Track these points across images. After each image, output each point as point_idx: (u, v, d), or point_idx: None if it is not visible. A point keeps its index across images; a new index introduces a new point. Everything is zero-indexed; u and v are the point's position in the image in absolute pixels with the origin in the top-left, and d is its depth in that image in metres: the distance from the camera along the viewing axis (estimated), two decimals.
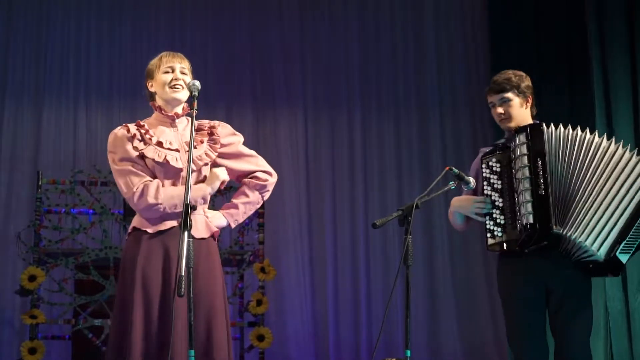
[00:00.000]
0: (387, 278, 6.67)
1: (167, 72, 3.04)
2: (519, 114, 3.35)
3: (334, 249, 6.78)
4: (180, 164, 2.95)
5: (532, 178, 3.14)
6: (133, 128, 3.00)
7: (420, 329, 6.61)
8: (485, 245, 3.30)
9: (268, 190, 3.18)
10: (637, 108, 5.91)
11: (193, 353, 2.56)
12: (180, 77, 3.03)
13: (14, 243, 5.75)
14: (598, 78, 6.07)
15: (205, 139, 3.08)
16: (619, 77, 5.98)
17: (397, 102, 7.10)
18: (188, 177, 2.70)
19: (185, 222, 2.59)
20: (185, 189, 2.67)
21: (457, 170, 3.08)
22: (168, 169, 2.96)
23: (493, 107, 3.38)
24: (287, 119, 7.00)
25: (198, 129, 3.09)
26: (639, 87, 5.94)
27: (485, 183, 3.29)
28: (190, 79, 3.03)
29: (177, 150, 2.99)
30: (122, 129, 3.01)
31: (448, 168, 3.08)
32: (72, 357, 5.71)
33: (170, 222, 2.93)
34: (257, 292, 5.65)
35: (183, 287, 2.48)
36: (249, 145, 3.23)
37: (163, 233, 2.93)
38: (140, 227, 2.94)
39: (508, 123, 3.34)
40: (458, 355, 6.61)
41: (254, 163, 3.17)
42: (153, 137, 2.99)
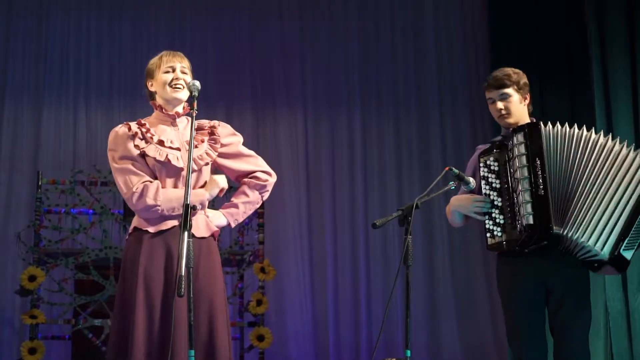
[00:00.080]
0: (387, 278, 6.67)
1: (167, 71, 3.02)
2: (518, 110, 3.35)
3: (334, 249, 6.78)
4: (182, 163, 2.94)
5: (530, 178, 3.13)
6: (134, 126, 2.98)
7: (420, 329, 6.61)
8: (485, 245, 3.29)
9: (267, 191, 3.18)
10: (637, 108, 5.91)
11: (193, 353, 2.55)
12: (181, 76, 3.02)
13: (14, 243, 5.75)
14: (598, 78, 6.06)
15: (206, 139, 3.07)
16: (619, 77, 5.98)
17: (397, 102, 7.10)
18: (188, 176, 2.69)
19: (185, 222, 2.58)
20: (185, 188, 2.66)
21: (457, 170, 3.07)
22: (169, 168, 2.95)
23: (492, 103, 3.36)
24: (287, 119, 7.00)
25: (198, 129, 3.08)
26: (639, 87, 5.93)
27: (484, 182, 3.27)
28: (191, 78, 3.03)
29: (178, 150, 2.98)
30: (123, 127, 2.99)
31: (448, 168, 3.07)
32: (72, 357, 5.71)
33: (172, 221, 2.92)
34: (257, 292, 5.65)
35: (183, 287, 2.48)
36: (249, 145, 3.23)
37: (164, 232, 2.91)
38: (142, 227, 2.93)
39: (507, 119, 3.33)
40: (458, 355, 6.61)
41: (254, 163, 3.17)
42: (154, 135, 2.98)
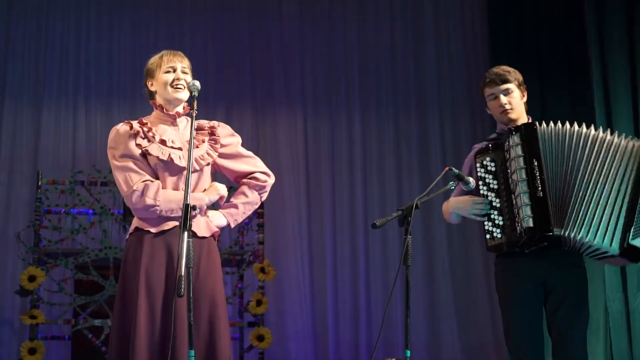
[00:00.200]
0: (386, 278, 6.67)
1: (168, 71, 3.02)
2: (519, 106, 3.35)
3: (334, 249, 6.77)
4: (184, 163, 2.93)
5: (529, 180, 3.11)
6: (136, 125, 2.98)
7: (420, 329, 6.60)
8: (485, 246, 3.28)
9: (266, 191, 3.18)
10: (637, 108, 5.91)
11: (193, 353, 2.55)
12: (182, 76, 3.01)
13: (14, 243, 5.75)
14: (598, 78, 6.06)
15: (206, 139, 3.07)
16: (619, 77, 5.98)
17: (396, 102, 7.09)
18: (188, 176, 2.68)
19: (185, 222, 2.58)
20: (185, 188, 2.65)
21: (456, 171, 3.06)
22: (172, 168, 2.94)
23: (494, 99, 3.33)
24: (286, 119, 6.99)
25: (198, 129, 3.08)
26: (639, 87, 5.93)
27: (481, 183, 3.25)
28: (191, 78, 3.02)
29: (180, 149, 2.97)
30: (124, 125, 2.98)
31: (448, 168, 3.05)
32: (71, 357, 5.70)
33: (173, 221, 2.91)
34: (256, 292, 5.65)
35: (183, 287, 2.48)
36: (249, 146, 3.23)
37: (166, 232, 2.91)
38: (143, 227, 2.92)
39: (510, 114, 3.31)
40: (457, 355, 6.61)
41: (253, 164, 3.17)
42: (156, 135, 2.97)
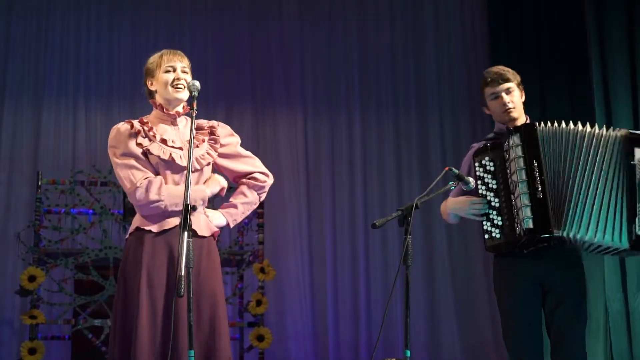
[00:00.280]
0: (386, 278, 6.67)
1: (168, 71, 3.01)
2: (520, 105, 3.35)
3: (334, 249, 6.77)
4: (185, 162, 2.92)
5: (529, 181, 3.10)
6: (137, 124, 2.97)
7: (420, 329, 6.60)
8: (484, 247, 3.28)
9: (265, 192, 3.19)
10: (637, 108, 5.91)
11: (193, 353, 2.55)
12: (182, 76, 3.00)
13: (14, 243, 5.75)
14: (598, 78, 6.07)
15: (206, 139, 3.07)
16: (619, 77, 5.98)
17: (396, 101, 7.09)
18: (188, 176, 2.68)
19: (185, 222, 2.58)
20: (185, 188, 2.65)
21: (456, 171, 3.06)
22: (173, 167, 2.94)
23: (495, 98, 3.32)
24: (286, 119, 6.99)
25: (198, 128, 3.08)
26: (639, 87, 5.94)
27: (480, 183, 3.24)
28: (191, 77, 3.02)
29: (180, 149, 2.97)
30: (125, 124, 2.98)
31: (447, 168, 3.04)
32: (71, 357, 5.70)
33: (174, 220, 2.90)
34: (256, 292, 5.65)
35: (183, 287, 2.48)
36: (249, 146, 3.23)
37: (166, 232, 2.90)
38: (144, 226, 2.91)
39: (513, 113, 3.30)
40: (457, 355, 6.61)
41: (252, 164, 3.17)
42: (156, 134, 2.97)
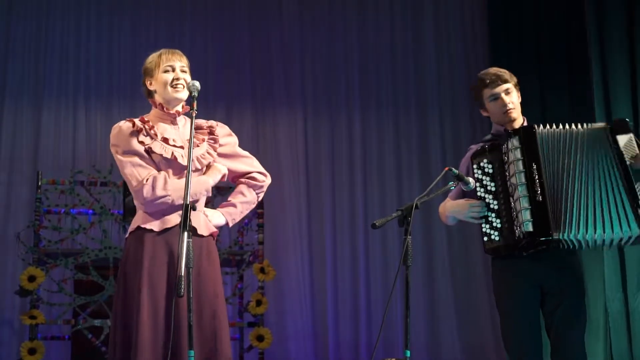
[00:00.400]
0: (386, 278, 6.67)
1: (167, 70, 3.00)
2: (518, 106, 3.34)
3: (334, 249, 6.77)
4: (186, 161, 2.93)
5: (528, 184, 3.08)
6: (138, 122, 2.97)
7: (420, 329, 6.60)
8: (483, 249, 3.27)
9: (263, 191, 3.21)
10: (636, 108, 5.92)
11: (193, 353, 2.55)
12: (181, 76, 3.00)
13: (14, 243, 5.75)
14: (598, 78, 6.07)
15: (206, 138, 3.07)
16: (619, 77, 5.99)
17: (396, 102, 7.09)
18: (188, 176, 2.68)
19: (185, 222, 2.57)
20: (185, 189, 2.65)
21: (456, 171, 3.05)
22: (175, 166, 2.94)
23: (495, 99, 3.30)
24: (286, 119, 6.99)
25: (197, 128, 3.07)
26: (639, 87, 5.94)
27: (478, 185, 3.23)
28: (190, 77, 3.02)
29: (181, 147, 2.97)
30: (127, 123, 2.97)
31: (447, 168, 3.03)
32: (71, 357, 5.70)
33: (174, 220, 2.89)
34: (256, 292, 5.65)
35: (182, 287, 2.48)
36: (249, 146, 3.24)
37: (167, 231, 2.90)
38: (145, 225, 2.91)
39: (513, 113, 3.29)
40: (457, 355, 6.61)
41: (250, 164, 3.18)
42: (157, 133, 2.97)
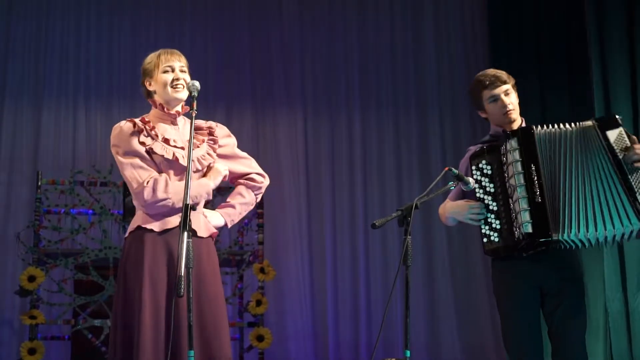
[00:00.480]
0: (386, 278, 6.67)
1: (166, 71, 3.00)
2: (517, 106, 3.33)
3: (334, 249, 6.77)
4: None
5: (527, 186, 3.08)
6: (139, 123, 2.96)
7: (420, 329, 6.60)
8: (483, 250, 3.27)
9: (262, 193, 3.22)
10: (636, 108, 5.92)
11: (192, 353, 2.55)
12: (181, 76, 3.00)
13: (14, 243, 5.75)
14: (598, 78, 6.08)
15: (206, 139, 3.07)
16: (619, 77, 5.99)
17: (396, 102, 7.10)
18: (187, 176, 2.68)
19: (185, 222, 2.57)
20: (185, 189, 2.65)
21: (456, 171, 3.04)
22: (176, 167, 2.94)
23: (495, 101, 3.29)
24: (286, 119, 6.99)
25: (197, 129, 3.07)
26: (639, 87, 5.94)
27: (477, 186, 3.22)
28: (189, 77, 3.02)
29: (182, 148, 2.96)
30: (128, 123, 2.97)
31: (447, 168, 3.03)
32: (71, 357, 5.70)
33: (175, 220, 2.89)
34: (256, 292, 5.65)
35: (182, 287, 2.48)
36: (249, 146, 3.24)
37: (167, 232, 2.90)
38: (146, 225, 2.90)
39: (513, 114, 3.28)
40: (457, 355, 6.61)
41: (249, 165, 3.19)
42: (158, 133, 2.96)
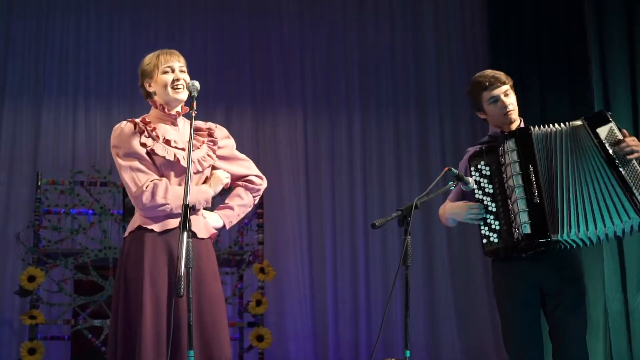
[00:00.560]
0: (386, 278, 6.67)
1: (166, 72, 2.99)
2: (517, 107, 3.33)
3: (334, 249, 6.77)
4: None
5: (525, 186, 3.09)
6: (140, 124, 2.95)
7: (420, 329, 6.60)
8: (483, 251, 3.27)
9: (259, 195, 3.23)
10: (636, 108, 5.92)
11: (192, 353, 2.55)
12: (181, 76, 2.99)
13: (14, 243, 5.75)
14: (597, 78, 6.08)
15: (205, 140, 3.07)
16: (619, 77, 6.00)
17: (396, 102, 7.09)
18: (187, 177, 2.68)
19: (185, 222, 2.57)
20: (185, 189, 2.65)
21: (456, 171, 3.05)
22: (177, 168, 2.93)
23: (495, 101, 3.28)
24: (286, 119, 6.99)
25: (196, 130, 3.07)
26: (638, 87, 5.94)
27: (476, 187, 3.23)
28: (188, 77, 3.01)
29: (183, 149, 2.95)
30: (128, 124, 2.95)
31: (447, 168, 3.03)
32: (71, 357, 5.70)
33: (176, 222, 2.87)
34: (256, 292, 5.65)
35: (182, 287, 2.48)
36: (249, 146, 3.24)
37: (168, 233, 2.90)
38: (146, 225, 2.90)
39: (513, 115, 3.28)
40: (457, 355, 6.61)
41: (247, 167, 3.19)
42: (159, 134, 2.95)
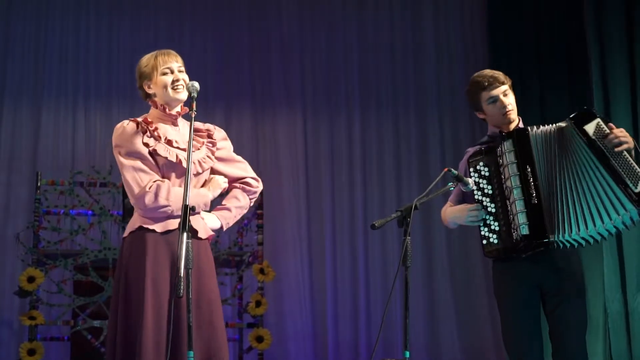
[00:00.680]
0: (386, 279, 6.66)
1: (165, 72, 2.99)
2: (515, 107, 3.33)
3: (333, 250, 6.76)
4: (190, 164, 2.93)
5: (523, 187, 3.10)
6: (143, 123, 2.95)
7: (420, 330, 6.60)
8: (483, 252, 3.27)
9: (256, 197, 3.24)
10: (636, 108, 5.92)
11: (192, 354, 2.55)
12: (180, 76, 2.99)
13: (13, 244, 5.74)
14: (597, 78, 6.08)
15: (205, 141, 3.07)
16: (618, 77, 6.00)
17: (396, 102, 7.09)
18: (187, 177, 2.68)
19: (184, 223, 2.58)
20: (185, 189, 2.65)
21: (455, 172, 3.05)
22: (179, 169, 2.93)
23: (494, 102, 3.28)
24: (286, 119, 6.98)
25: (196, 130, 3.06)
26: (638, 87, 5.94)
27: (476, 188, 3.23)
28: (187, 76, 3.01)
29: (184, 150, 2.94)
30: (131, 123, 2.95)
31: (447, 169, 3.04)
32: (71, 358, 5.71)
33: (176, 222, 2.83)
34: (256, 293, 5.65)
35: (182, 288, 2.48)
36: (249, 146, 3.24)
37: (169, 233, 2.89)
38: (147, 225, 2.89)
39: (512, 114, 3.28)
40: (457, 356, 6.60)
41: (244, 169, 3.20)
42: (161, 135, 2.95)
